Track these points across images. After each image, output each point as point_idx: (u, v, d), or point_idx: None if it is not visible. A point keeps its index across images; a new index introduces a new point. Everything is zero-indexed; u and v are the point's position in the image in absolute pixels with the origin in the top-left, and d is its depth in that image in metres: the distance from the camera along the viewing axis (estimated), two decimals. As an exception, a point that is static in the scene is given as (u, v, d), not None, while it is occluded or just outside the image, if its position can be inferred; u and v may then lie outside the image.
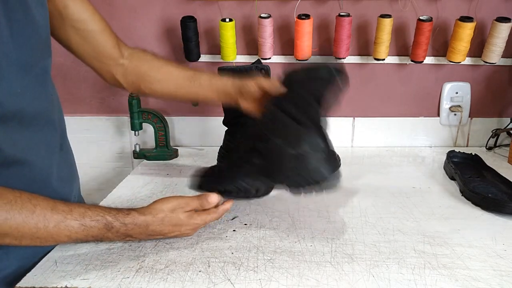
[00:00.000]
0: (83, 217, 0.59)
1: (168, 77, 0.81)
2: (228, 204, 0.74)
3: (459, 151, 1.06)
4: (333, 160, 0.69)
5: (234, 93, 0.79)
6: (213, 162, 1.03)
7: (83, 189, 0.76)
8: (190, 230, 0.69)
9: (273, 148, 0.70)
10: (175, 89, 0.81)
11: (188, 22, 1.10)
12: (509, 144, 1.17)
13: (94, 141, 1.26)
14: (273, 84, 0.76)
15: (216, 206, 0.72)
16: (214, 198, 0.71)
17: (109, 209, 0.63)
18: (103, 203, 0.86)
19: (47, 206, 0.57)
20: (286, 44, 1.17)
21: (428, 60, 1.17)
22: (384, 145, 1.25)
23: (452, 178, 0.98)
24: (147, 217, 0.65)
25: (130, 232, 0.64)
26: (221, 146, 1.01)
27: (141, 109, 1.12)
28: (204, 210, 0.71)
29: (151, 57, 0.82)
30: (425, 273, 0.62)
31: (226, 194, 0.75)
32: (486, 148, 1.22)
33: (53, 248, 0.68)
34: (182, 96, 0.82)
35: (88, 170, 1.28)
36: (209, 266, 0.64)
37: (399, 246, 0.69)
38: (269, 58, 1.15)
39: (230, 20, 1.10)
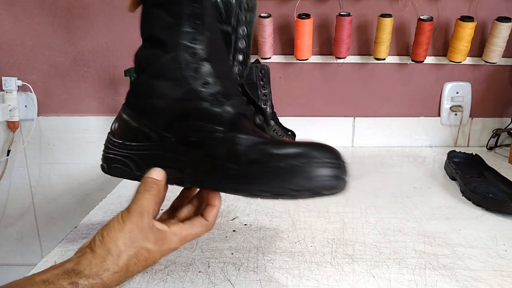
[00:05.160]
0: None
1: None
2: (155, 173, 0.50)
3: (459, 151, 1.05)
4: None
5: None
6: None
7: (83, 189, 0.75)
8: (172, 250, 0.49)
9: None
10: None
11: (188, 21, 1.09)
12: (509, 144, 1.17)
13: (93, 141, 1.26)
14: None
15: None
16: (159, 173, 0.50)
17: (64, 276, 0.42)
18: (102, 203, 0.85)
19: None
20: (286, 43, 1.17)
21: (429, 60, 1.16)
22: (385, 145, 1.24)
23: (452, 178, 0.98)
24: (111, 266, 0.44)
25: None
26: None
27: (141, 109, 1.11)
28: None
29: None
30: (426, 274, 0.62)
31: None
32: (487, 148, 1.21)
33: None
34: None
35: (88, 170, 1.28)
36: (209, 266, 0.64)
37: (399, 246, 0.69)
38: (269, 58, 1.15)
39: (230, 19, 1.09)
